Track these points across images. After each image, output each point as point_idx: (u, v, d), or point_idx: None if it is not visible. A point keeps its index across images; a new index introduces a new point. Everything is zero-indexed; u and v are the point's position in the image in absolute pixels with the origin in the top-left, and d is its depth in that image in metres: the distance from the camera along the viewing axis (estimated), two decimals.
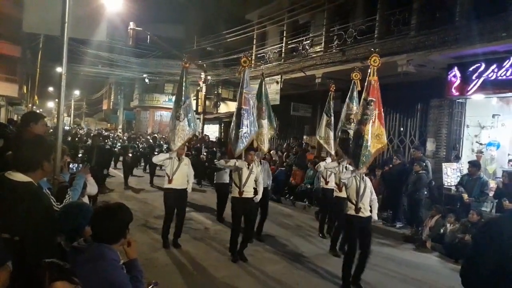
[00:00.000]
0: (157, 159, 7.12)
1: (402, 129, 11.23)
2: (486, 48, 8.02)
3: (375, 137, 5.54)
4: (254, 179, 6.48)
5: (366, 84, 5.58)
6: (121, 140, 18.58)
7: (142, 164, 16.66)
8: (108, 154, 13.44)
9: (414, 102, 10.87)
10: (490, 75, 8.22)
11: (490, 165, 9.40)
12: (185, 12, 27.80)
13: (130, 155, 13.80)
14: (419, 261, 7.13)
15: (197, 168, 13.27)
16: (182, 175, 6.79)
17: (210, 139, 17.49)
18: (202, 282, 5.39)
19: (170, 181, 6.70)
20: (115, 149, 15.07)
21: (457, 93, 8.97)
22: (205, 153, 13.25)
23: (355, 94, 7.28)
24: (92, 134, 16.75)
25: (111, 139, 18.48)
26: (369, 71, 5.54)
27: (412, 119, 11.01)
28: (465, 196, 7.81)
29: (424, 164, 8.81)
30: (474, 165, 8.03)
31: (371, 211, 5.64)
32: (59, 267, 1.60)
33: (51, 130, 11.94)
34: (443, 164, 9.30)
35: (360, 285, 5.44)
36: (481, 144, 9.57)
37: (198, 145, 15.29)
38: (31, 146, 2.48)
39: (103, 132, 24.35)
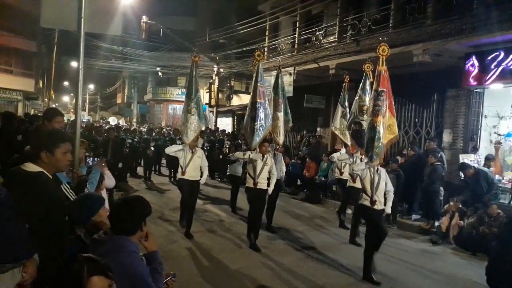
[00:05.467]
0: (170, 150, 7.26)
1: (417, 120, 11.06)
2: (505, 36, 7.78)
3: (386, 128, 5.50)
4: (268, 171, 6.57)
5: (376, 74, 5.53)
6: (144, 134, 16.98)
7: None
8: (136, 151, 13.32)
9: (430, 93, 10.67)
10: (509, 64, 8.00)
11: (508, 156, 9.21)
12: (197, 4, 27.75)
13: (152, 148, 13.40)
14: (435, 253, 7.07)
15: (212, 161, 13.41)
16: (195, 167, 6.98)
17: (221, 130, 17.43)
18: (218, 273, 5.44)
19: (183, 173, 6.92)
20: (139, 144, 13.76)
21: (474, 83, 8.77)
22: (227, 146, 13.24)
23: (367, 85, 7.23)
24: (107, 127, 16.76)
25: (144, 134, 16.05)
26: (379, 61, 5.48)
27: (428, 110, 10.81)
28: None
29: (440, 155, 8.68)
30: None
31: (385, 203, 5.60)
32: (96, 262, 1.65)
33: (69, 124, 12.05)
34: (460, 155, 9.14)
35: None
36: (499, 134, 9.35)
37: (212, 137, 15.36)
38: (34, 136, 2.53)
39: (131, 127, 22.97)
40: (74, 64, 22.91)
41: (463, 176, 8.30)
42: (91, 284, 1.56)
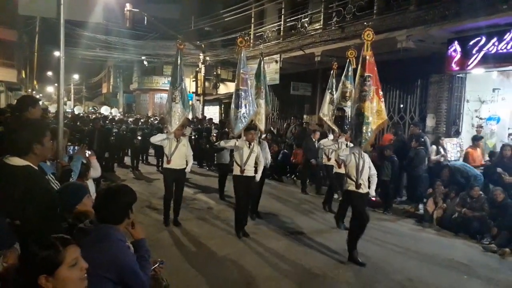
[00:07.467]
0: (154, 139, 7.21)
1: (402, 105, 11.20)
2: (486, 21, 7.90)
3: (375, 113, 5.55)
4: (255, 158, 6.60)
5: (360, 60, 5.53)
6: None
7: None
8: (122, 140, 13.23)
9: (414, 78, 10.80)
10: (490, 49, 8.13)
11: (490, 139, 9.44)
12: None
13: (139, 138, 13.32)
14: (419, 234, 7.25)
15: (200, 150, 13.39)
16: (180, 156, 6.94)
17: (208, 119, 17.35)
18: (207, 260, 5.51)
19: (168, 162, 6.90)
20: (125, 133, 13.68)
21: (457, 68, 8.90)
22: (214, 134, 13.22)
23: (350, 72, 7.27)
24: (93, 117, 16.54)
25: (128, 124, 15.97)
26: (363, 46, 5.50)
27: (412, 96, 10.96)
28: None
29: (423, 140, 8.84)
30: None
31: (369, 186, 5.73)
32: (66, 238, 1.74)
33: (53, 114, 11.87)
34: (443, 139, 9.32)
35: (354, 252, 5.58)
36: (481, 118, 9.57)
37: (199, 126, 15.31)
38: (20, 130, 2.47)
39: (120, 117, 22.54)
40: (57, 53, 22.40)
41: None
42: (69, 252, 1.65)
